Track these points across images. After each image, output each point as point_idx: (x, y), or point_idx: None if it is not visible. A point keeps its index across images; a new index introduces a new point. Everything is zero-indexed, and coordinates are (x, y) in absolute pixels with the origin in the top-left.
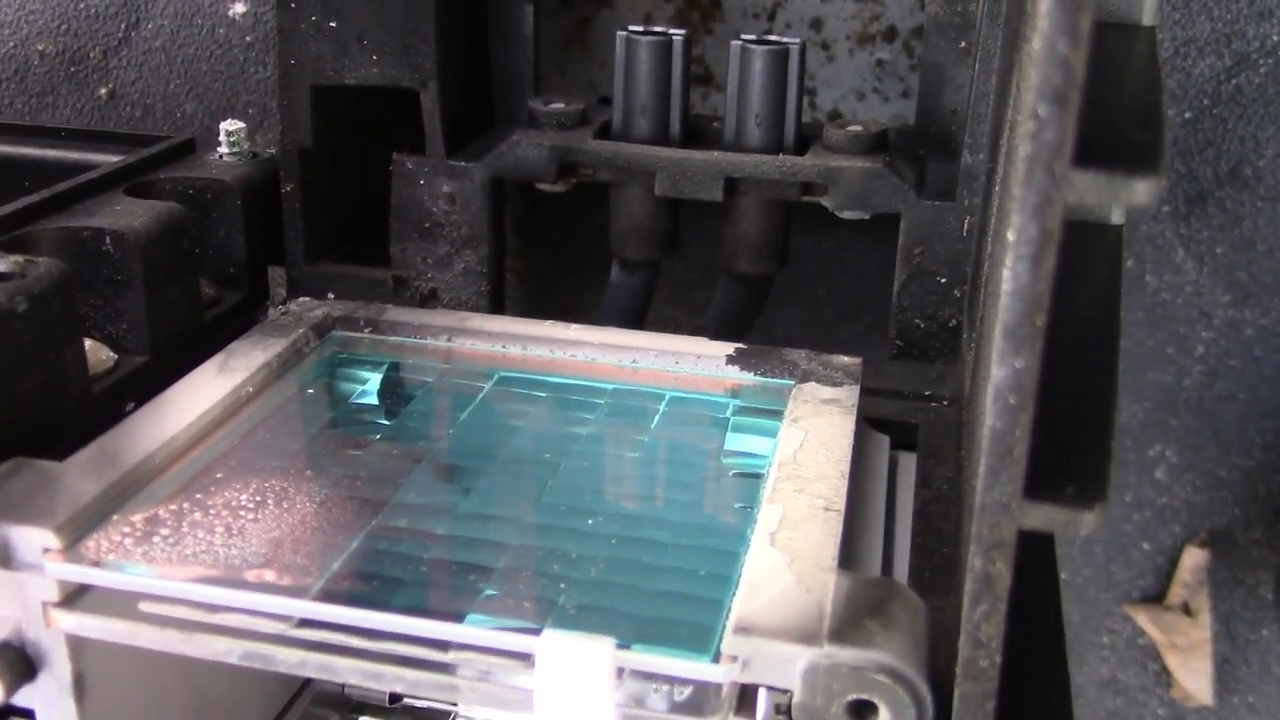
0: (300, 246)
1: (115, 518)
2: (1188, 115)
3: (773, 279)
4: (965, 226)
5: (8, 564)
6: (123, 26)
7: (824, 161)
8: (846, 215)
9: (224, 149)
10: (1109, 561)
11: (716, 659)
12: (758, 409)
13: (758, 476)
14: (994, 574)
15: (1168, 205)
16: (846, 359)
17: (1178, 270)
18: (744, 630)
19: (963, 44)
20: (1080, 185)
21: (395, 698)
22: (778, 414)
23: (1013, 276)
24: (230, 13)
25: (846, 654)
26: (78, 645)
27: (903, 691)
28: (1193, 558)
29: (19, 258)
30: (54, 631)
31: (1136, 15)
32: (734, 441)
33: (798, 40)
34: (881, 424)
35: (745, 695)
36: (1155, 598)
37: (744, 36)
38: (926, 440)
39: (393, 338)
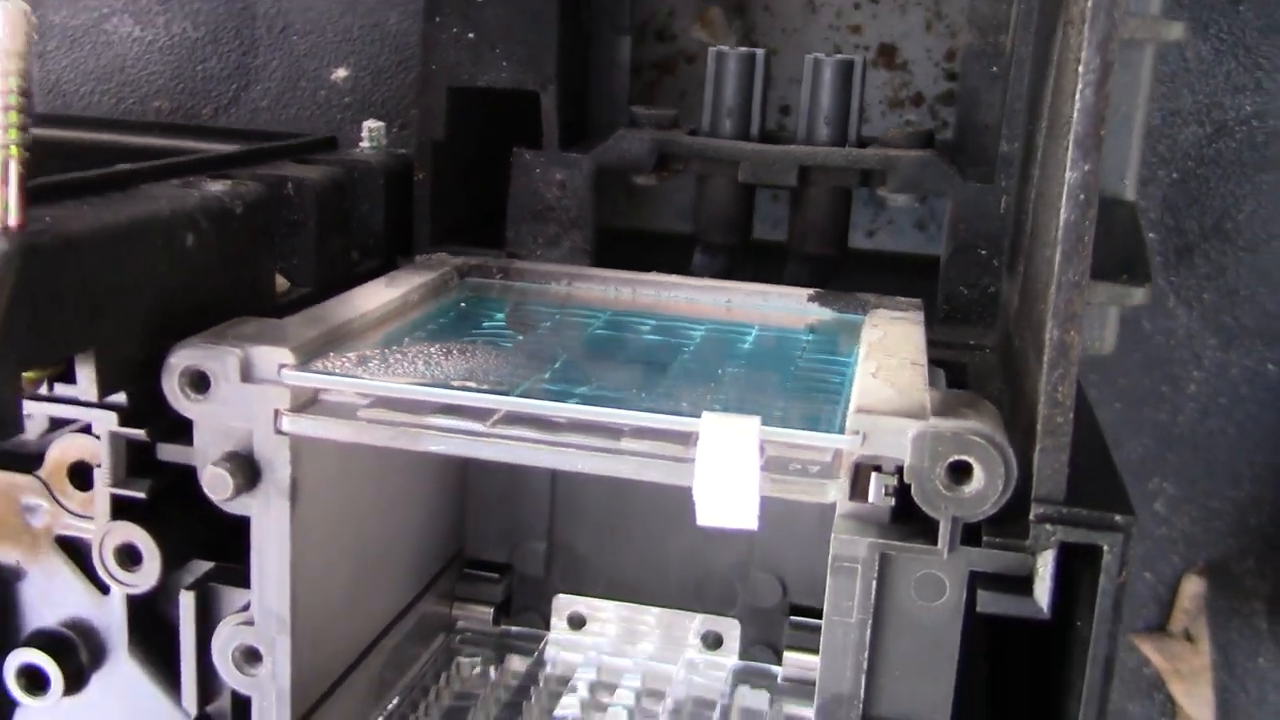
0: (427, 230)
1: (332, 354)
2: (1175, 176)
3: (834, 261)
4: (1002, 205)
5: (249, 378)
6: (234, 88)
7: (883, 153)
8: (900, 202)
9: (365, 143)
10: None
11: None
12: (843, 325)
13: (848, 361)
14: (1069, 341)
15: (1160, 256)
16: (907, 299)
17: (1170, 315)
18: (864, 410)
19: (994, 69)
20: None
21: (496, 619)
22: (858, 328)
23: (1081, 99)
24: (332, 77)
25: (948, 424)
26: (297, 452)
27: (994, 452)
28: (1192, 586)
29: (229, 181)
30: (280, 440)
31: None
32: (824, 345)
33: (861, 57)
34: (936, 365)
35: (859, 483)
36: (1159, 628)
37: (816, 54)
38: (975, 375)
39: (519, 283)
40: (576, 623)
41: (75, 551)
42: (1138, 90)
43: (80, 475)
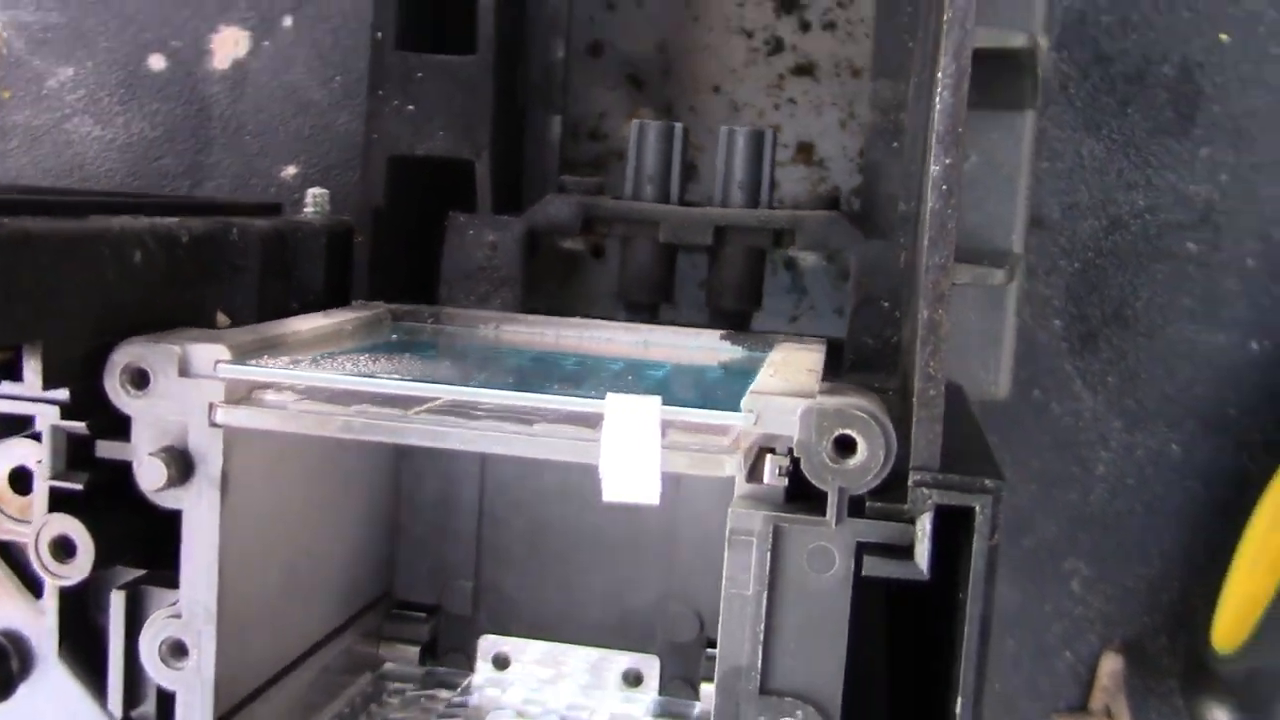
0: (365, 290)
1: (266, 356)
2: (1076, 266)
3: (751, 316)
4: (901, 260)
5: (186, 373)
6: (188, 184)
7: (792, 213)
8: (809, 260)
9: (309, 208)
10: (1035, 672)
11: None
12: (752, 361)
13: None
14: (937, 319)
15: (1065, 343)
16: (813, 337)
17: (1076, 399)
18: (758, 393)
19: (895, 144)
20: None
21: (422, 659)
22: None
23: (940, 101)
24: (282, 174)
25: (832, 401)
26: (230, 447)
27: (875, 425)
28: (1109, 663)
29: (179, 218)
30: (214, 432)
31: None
32: (734, 376)
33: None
34: None
35: (755, 466)
36: (1080, 708)
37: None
38: None
39: (450, 326)
40: (501, 663)
41: (9, 558)
42: (1020, 154)
43: (19, 481)
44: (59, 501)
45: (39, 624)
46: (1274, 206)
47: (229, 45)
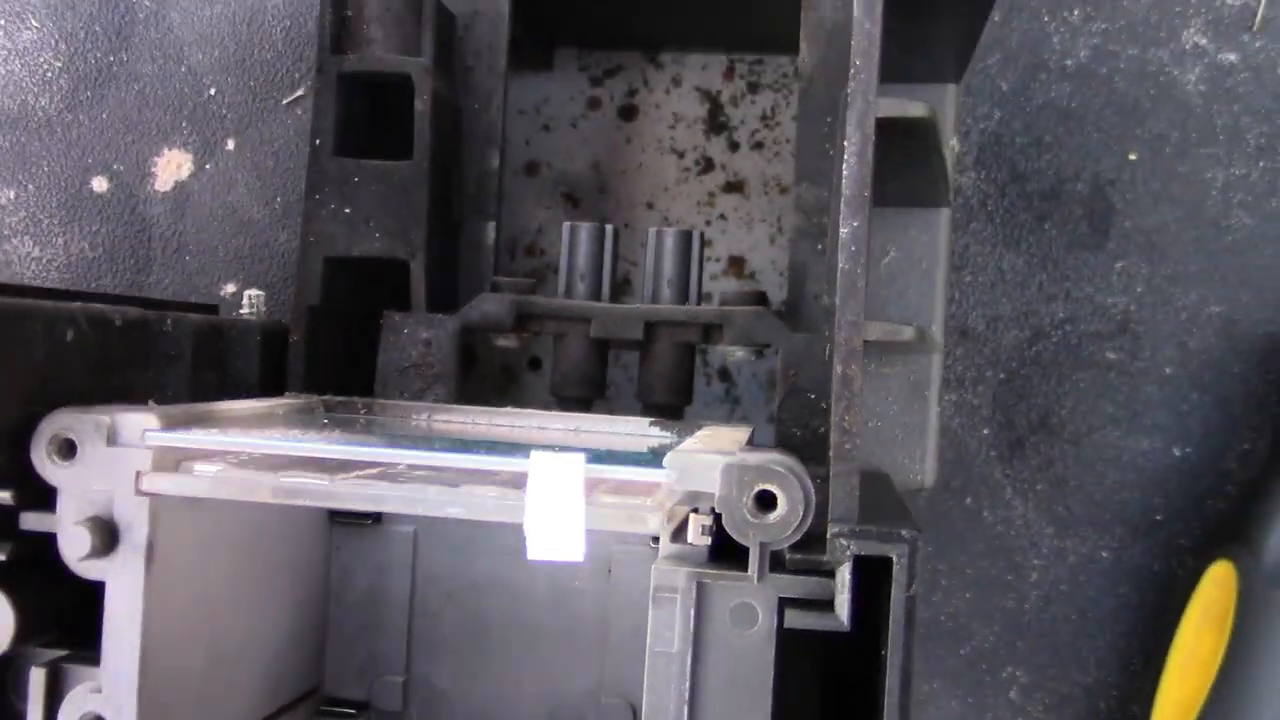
0: (300, 386)
1: (195, 427)
2: (1002, 376)
3: (682, 410)
4: (826, 352)
5: (114, 442)
6: None
7: (720, 309)
8: (738, 355)
9: (246, 309)
10: None
11: None
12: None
13: None
14: (850, 374)
15: (995, 450)
16: (741, 424)
17: (1008, 506)
18: (681, 451)
19: (819, 246)
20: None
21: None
22: None
23: (847, 168)
24: (222, 292)
25: (754, 457)
26: (156, 516)
27: (794, 480)
28: None
29: (112, 305)
30: (140, 501)
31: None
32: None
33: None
34: None
35: (679, 531)
36: None
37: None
38: None
39: (382, 416)
40: None
41: None
42: (936, 249)
43: None
44: None
45: None
46: (1189, 315)
47: (171, 168)
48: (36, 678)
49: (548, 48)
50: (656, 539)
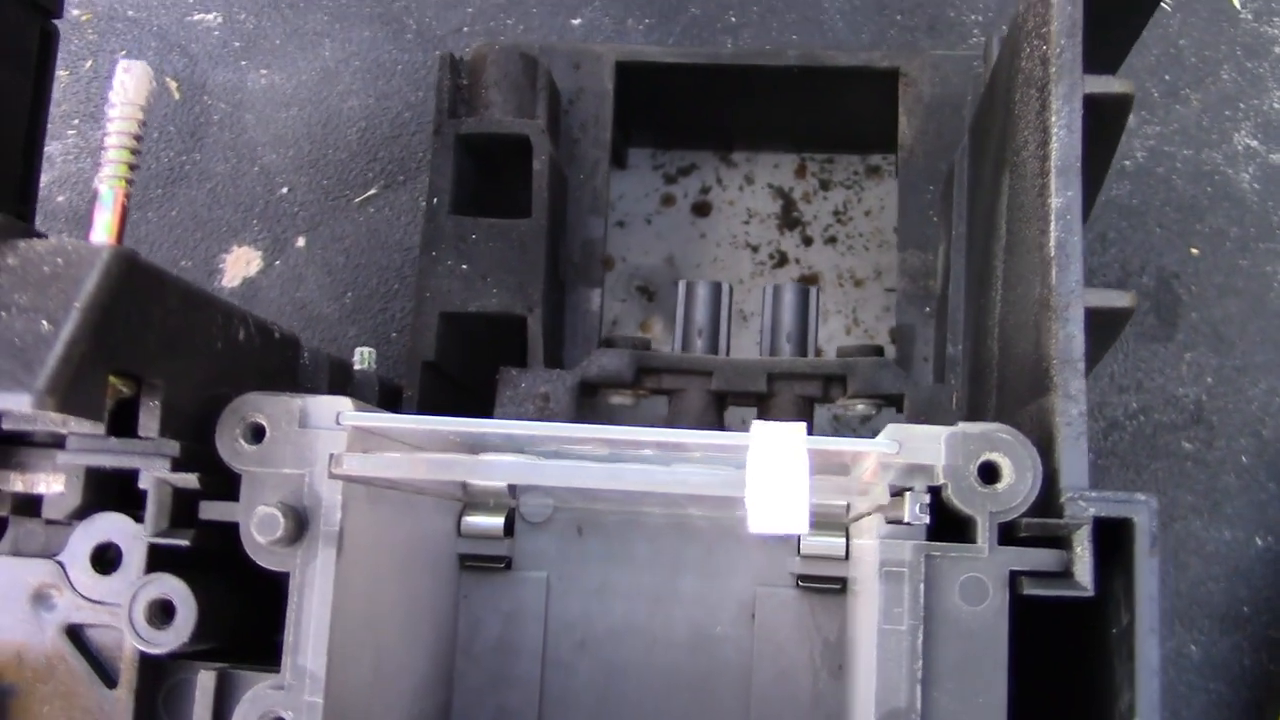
0: None
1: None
2: None
3: None
4: (954, 401)
5: (305, 425)
6: None
7: (843, 360)
8: (859, 409)
9: (358, 363)
10: None
11: None
12: None
13: None
14: (1074, 339)
15: None
16: None
17: None
18: (900, 425)
19: (926, 309)
20: None
21: None
22: None
23: (1058, 140)
24: None
25: (975, 427)
26: (347, 500)
27: (1021, 448)
28: None
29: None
30: (333, 484)
31: None
32: None
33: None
34: None
35: (895, 514)
36: None
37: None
38: None
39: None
40: None
41: (81, 646)
42: None
43: (102, 560)
44: (159, 562)
45: (111, 714)
46: (1260, 405)
47: (240, 264)
48: (205, 680)
49: (622, 146)
50: (803, 579)
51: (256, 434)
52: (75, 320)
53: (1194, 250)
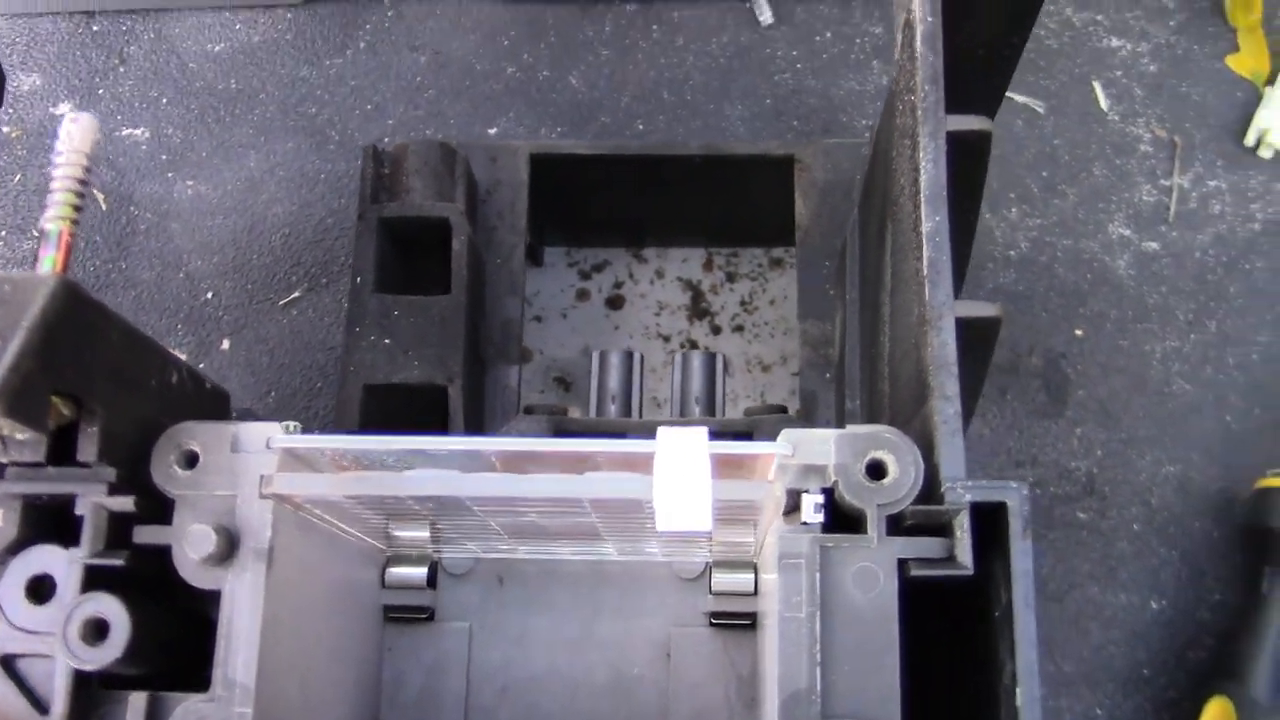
0: None
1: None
2: None
3: None
4: None
5: (236, 450)
6: None
7: (750, 418)
8: None
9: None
10: None
11: None
12: None
13: None
14: (947, 347)
15: None
16: None
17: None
18: (793, 430)
19: (826, 375)
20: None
21: None
22: None
23: (924, 174)
24: None
25: (864, 429)
26: (277, 520)
27: (903, 445)
28: None
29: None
30: (263, 504)
31: None
32: None
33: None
34: None
35: (792, 514)
36: None
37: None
38: None
39: None
40: None
41: (14, 676)
42: None
43: (37, 591)
44: (94, 584)
45: None
46: (1148, 476)
47: None
48: (135, 701)
49: (538, 245)
50: (715, 616)
51: (190, 460)
52: (21, 337)
53: (1078, 332)
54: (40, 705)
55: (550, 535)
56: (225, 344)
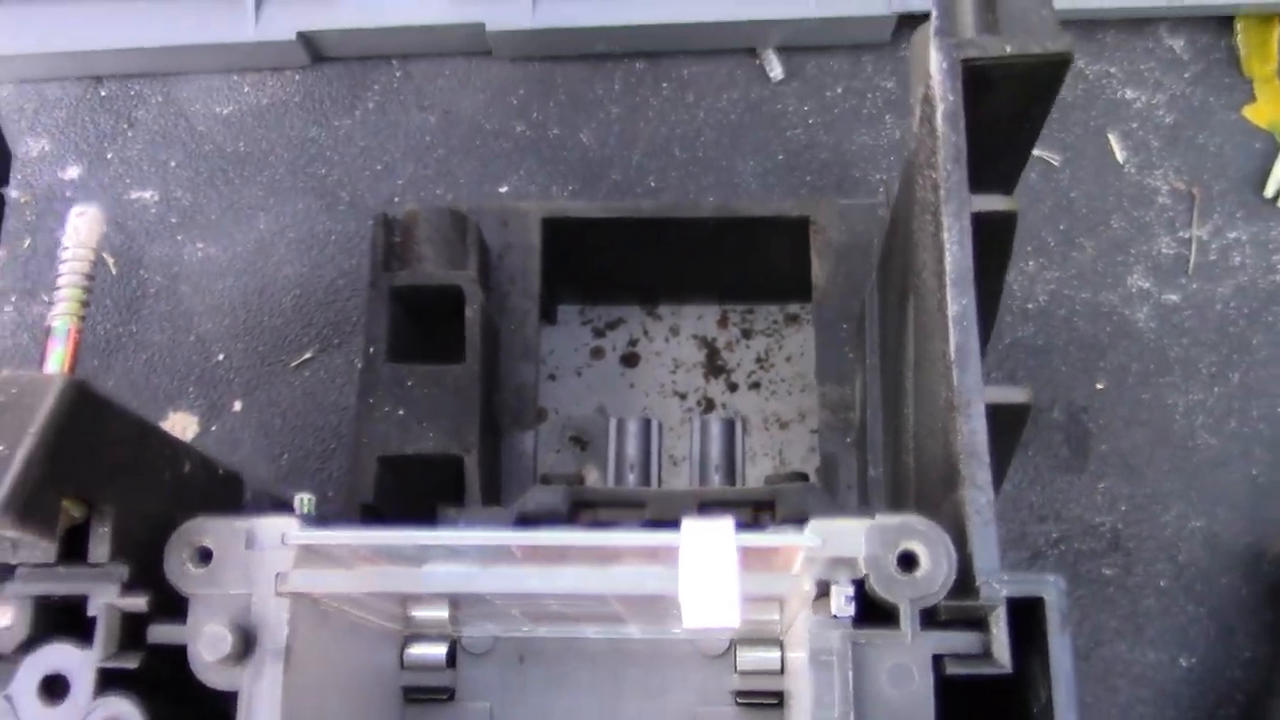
0: None
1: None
2: None
3: None
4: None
5: (251, 546)
6: None
7: (770, 486)
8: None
9: (299, 508)
10: None
11: None
12: None
13: None
14: (977, 434)
15: None
16: None
17: None
18: (822, 520)
19: (848, 439)
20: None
21: None
22: None
23: (950, 256)
24: None
25: (894, 519)
26: (294, 617)
27: (935, 535)
28: None
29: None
30: (280, 601)
31: None
32: None
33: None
34: None
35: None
36: None
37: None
38: None
39: None
40: None
41: None
42: None
43: (50, 690)
44: (108, 685)
45: None
46: (1173, 531)
47: (177, 429)
48: None
49: (551, 303)
50: (741, 695)
51: (204, 557)
52: (30, 443)
53: (1099, 385)
54: None
55: (572, 618)
56: (237, 405)
